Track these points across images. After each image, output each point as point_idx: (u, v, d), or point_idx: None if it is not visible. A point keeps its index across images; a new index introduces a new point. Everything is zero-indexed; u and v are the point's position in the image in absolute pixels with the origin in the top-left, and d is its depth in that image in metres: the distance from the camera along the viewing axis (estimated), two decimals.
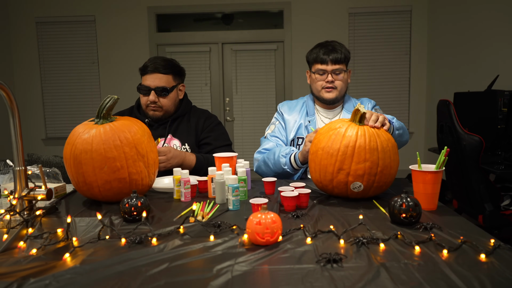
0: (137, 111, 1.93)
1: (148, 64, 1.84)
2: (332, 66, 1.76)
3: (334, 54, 1.75)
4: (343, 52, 1.77)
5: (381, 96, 4.92)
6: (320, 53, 1.77)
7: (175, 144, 1.85)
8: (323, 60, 1.76)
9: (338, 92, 1.79)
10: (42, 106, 5.13)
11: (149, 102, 1.83)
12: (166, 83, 1.83)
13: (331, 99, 1.79)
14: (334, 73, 1.77)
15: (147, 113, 1.87)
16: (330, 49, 1.76)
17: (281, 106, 1.92)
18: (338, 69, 1.76)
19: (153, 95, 1.81)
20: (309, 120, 1.82)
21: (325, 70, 1.77)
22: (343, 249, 0.90)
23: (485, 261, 0.82)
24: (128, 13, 4.96)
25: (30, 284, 0.75)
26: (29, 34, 5.00)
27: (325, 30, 4.81)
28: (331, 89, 1.78)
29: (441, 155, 1.21)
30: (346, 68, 1.79)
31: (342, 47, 1.79)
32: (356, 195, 1.29)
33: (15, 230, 1.04)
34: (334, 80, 1.77)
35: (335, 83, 1.78)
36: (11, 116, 1.12)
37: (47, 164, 2.46)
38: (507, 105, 2.73)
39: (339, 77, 1.78)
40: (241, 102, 5.09)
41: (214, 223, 1.05)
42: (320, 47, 1.80)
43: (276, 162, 1.69)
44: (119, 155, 1.24)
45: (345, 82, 1.81)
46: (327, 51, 1.76)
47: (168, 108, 1.87)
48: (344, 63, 1.78)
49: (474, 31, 3.79)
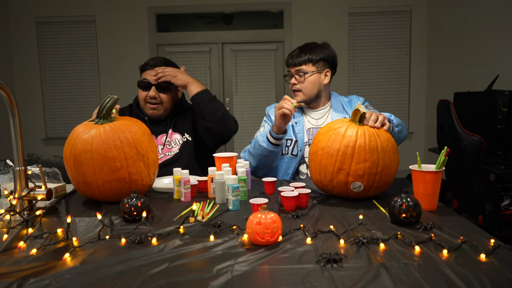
0: (136, 109, 1.93)
1: (149, 61, 1.85)
2: (295, 68, 1.76)
3: (297, 57, 1.75)
4: (307, 53, 1.74)
5: (381, 96, 4.92)
6: (288, 57, 1.79)
7: (176, 138, 1.86)
8: (288, 63, 1.79)
9: (304, 95, 1.77)
10: (42, 106, 5.13)
11: (149, 97, 1.81)
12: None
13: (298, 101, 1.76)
14: (297, 74, 1.76)
15: (145, 111, 1.86)
16: (298, 51, 1.77)
17: (269, 109, 1.91)
18: (300, 69, 1.75)
19: (153, 91, 1.80)
20: (296, 121, 1.81)
21: (290, 72, 1.79)
22: (343, 249, 0.90)
23: (485, 261, 0.82)
24: (128, 13, 4.96)
25: (30, 284, 0.75)
26: (29, 34, 5.00)
27: (325, 30, 4.81)
28: (296, 92, 1.78)
29: (441, 155, 1.21)
30: (317, 69, 1.75)
31: (315, 48, 1.76)
32: (356, 195, 1.29)
33: (15, 230, 1.04)
34: (297, 83, 1.76)
35: (297, 85, 1.76)
36: (11, 116, 1.12)
37: (47, 164, 2.46)
38: (507, 105, 2.73)
39: (301, 78, 1.75)
40: (241, 102, 5.09)
41: (214, 223, 1.05)
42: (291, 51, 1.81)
43: (256, 143, 1.69)
44: (119, 155, 1.24)
45: (312, 83, 1.76)
46: (293, 54, 1.77)
47: (167, 105, 1.85)
48: (310, 64, 1.75)
49: (474, 31, 3.80)
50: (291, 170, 1.78)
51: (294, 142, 1.79)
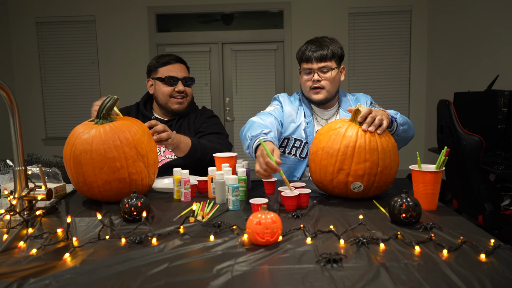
0: (143, 108, 1.93)
1: (164, 57, 1.88)
2: (318, 64, 1.64)
3: (320, 51, 1.63)
4: (330, 48, 1.65)
5: (381, 96, 4.92)
6: (306, 51, 1.66)
7: None
8: (308, 58, 1.65)
9: (327, 93, 1.68)
10: (42, 106, 5.13)
11: (176, 92, 1.85)
12: (188, 74, 1.93)
13: (319, 100, 1.69)
14: (321, 71, 1.66)
15: (169, 106, 1.86)
16: (317, 45, 1.65)
17: (281, 96, 1.81)
18: (324, 66, 1.65)
19: (181, 85, 1.86)
20: (307, 122, 1.73)
21: (311, 68, 1.66)
22: (343, 249, 0.90)
23: (485, 261, 0.82)
24: (128, 13, 4.96)
25: (30, 284, 0.75)
26: (29, 34, 5.00)
27: (325, 30, 4.80)
28: (319, 90, 1.67)
29: (441, 155, 1.20)
30: (337, 65, 1.67)
31: (331, 43, 1.67)
32: (356, 195, 1.29)
33: (15, 230, 1.04)
34: (321, 80, 1.66)
35: (322, 82, 1.66)
36: (11, 116, 1.12)
37: (47, 164, 2.46)
38: (507, 105, 2.73)
39: (326, 75, 1.66)
40: (241, 102, 5.09)
41: (214, 223, 1.04)
42: (307, 45, 1.69)
43: (243, 139, 1.52)
44: (119, 155, 1.24)
45: (335, 81, 1.68)
46: (313, 48, 1.65)
47: (189, 98, 1.92)
48: (333, 60, 1.66)
49: (474, 31, 3.79)
50: (299, 173, 1.71)
51: (304, 143, 1.71)
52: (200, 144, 1.68)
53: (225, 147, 1.78)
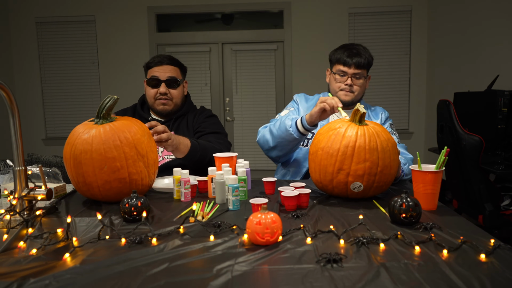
0: (140, 109, 1.93)
1: (154, 58, 1.86)
2: (354, 70, 1.75)
3: (358, 58, 1.74)
4: (366, 57, 1.76)
5: (381, 96, 4.92)
6: (344, 55, 1.76)
7: None
8: (346, 62, 1.75)
9: (355, 96, 1.79)
10: (42, 106, 5.13)
11: (159, 94, 1.83)
12: (176, 74, 1.87)
13: (346, 101, 1.78)
14: (355, 77, 1.76)
15: (155, 107, 1.87)
16: (355, 52, 1.76)
17: (297, 96, 1.91)
18: (359, 73, 1.76)
19: (164, 87, 1.83)
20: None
21: (346, 72, 1.76)
22: (343, 249, 0.90)
23: (485, 261, 0.82)
24: (128, 13, 4.96)
25: (30, 284, 0.75)
26: (29, 34, 5.00)
27: (325, 30, 4.81)
28: (349, 93, 1.78)
29: (441, 155, 1.21)
30: (366, 74, 1.79)
31: (366, 52, 1.78)
32: (356, 195, 1.29)
33: (15, 230, 1.04)
34: (353, 85, 1.77)
35: (353, 87, 1.77)
36: (11, 116, 1.12)
37: (47, 164, 2.46)
38: (507, 105, 2.73)
39: (358, 81, 1.77)
40: (241, 102, 5.09)
41: (214, 223, 1.05)
42: (345, 49, 1.78)
43: (281, 125, 1.65)
44: (119, 155, 1.24)
45: (363, 87, 1.80)
46: (352, 54, 1.75)
47: (177, 101, 1.88)
48: (366, 69, 1.78)
49: (474, 31, 3.79)
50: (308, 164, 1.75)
51: None
52: (199, 145, 1.68)
53: (224, 147, 1.78)
